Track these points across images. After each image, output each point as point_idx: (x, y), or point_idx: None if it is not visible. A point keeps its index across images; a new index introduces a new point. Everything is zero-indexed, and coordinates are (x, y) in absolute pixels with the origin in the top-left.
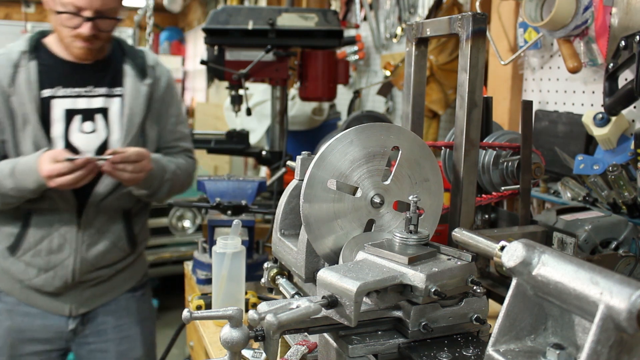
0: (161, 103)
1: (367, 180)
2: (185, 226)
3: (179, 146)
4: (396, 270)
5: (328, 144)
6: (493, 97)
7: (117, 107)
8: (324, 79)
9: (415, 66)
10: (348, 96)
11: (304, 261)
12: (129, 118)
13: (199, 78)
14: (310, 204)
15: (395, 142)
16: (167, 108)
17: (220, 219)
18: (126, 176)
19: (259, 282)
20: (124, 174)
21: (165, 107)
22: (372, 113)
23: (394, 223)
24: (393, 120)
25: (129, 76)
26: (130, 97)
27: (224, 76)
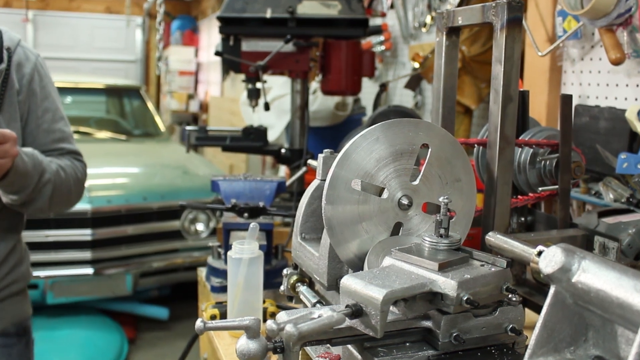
0: (27, 95)
1: (394, 181)
2: (198, 230)
3: (62, 148)
4: (425, 277)
5: (352, 142)
6: (530, 91)
7: None
8: (348, 71)
9: (445, 57)
10: (373, 90)
11: (326, 267)
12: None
13: (214, 70)
14: (333, 206)
15: (424, 140)
16: (38, 101)
17: (236, 222)
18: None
19: (277, 290)
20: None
21: (34, 99)
22: (400, 108)
23: (423, 226)
24: (422, 115)
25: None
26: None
27: (240, 68)
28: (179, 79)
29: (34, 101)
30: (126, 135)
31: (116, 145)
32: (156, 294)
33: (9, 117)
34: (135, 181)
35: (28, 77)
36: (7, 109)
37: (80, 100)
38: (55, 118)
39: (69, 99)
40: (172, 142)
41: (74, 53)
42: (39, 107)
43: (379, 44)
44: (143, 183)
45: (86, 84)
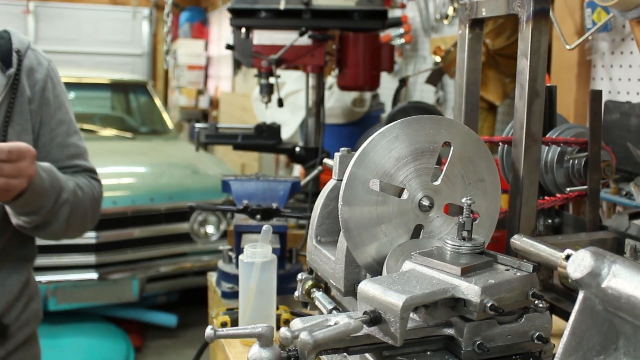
0: (39, 104)
1: (414, 181)
2: (208, 232)
3: (77, 165)
4: (447, 282)
5: (370, 140)
6: (557, 86)
7: None
8: (366, 65)
9: (469, 51)
10: (393, 85)
11: (342, 272)
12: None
13: (224, 65)
14: (350, 207)
15: (446, 138)
16: (52, 111)
17: (248, 224)
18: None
19: (291, 295)
20: None
21: (47, 110)
22: (420, 104)
23: (444, 229)
24: (444, 112)
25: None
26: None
27: (253, 62)
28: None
29: (47, 111)
30: (132, 132)
31: (122, 144)
32: (164, 300)
33: (20, 129)
34: (142, 181)
35: (41, 84)
36: (17, 119)
37: (84, 96)
38: (69, 131)
39: (72, 95)
40: (180, 140)
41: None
42: (52, 118)
43: (398, 36)
44: (150, 183)
45: (90, 79)
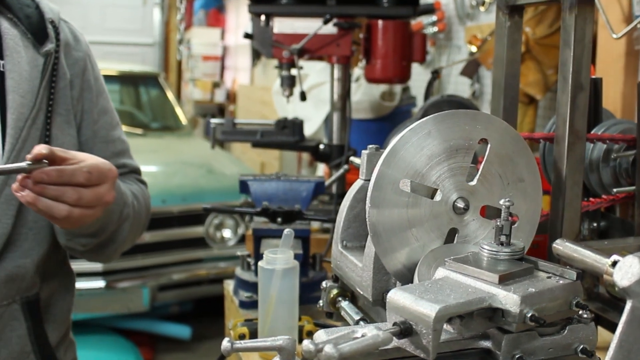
0: (81, 89)
1: (448, 181)
2: (225, 237)
3: (124, 165)
4: (484, 290)
5: (400, 136)
6: (603, 79)
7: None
8: (396, 56)
9: (507, 40)
10: (425, 77)
11: (370, 280)
12: (17, 116)
13: (242, 55)
14: (379, 210)
15: (483, 134)
16: (94, 98)
17: (267, 228)
18: (63, 211)
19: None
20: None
21: (89, 96)
22: (455, 98)
23: (481, 233)
24: (480, 106)
25: (10, 38)
26: (16, 77)
27: (273, 53)
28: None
29: (89, 98)
30: (142, 128)
31: (131, 140)
32: (177, 310)
33: (63, 122)
34: (153, 181)
35: (82, 64)
36: (60, 110)
37: None
38: (113, 123)
39: None
40: (194, 137)
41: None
42: (95, 106)
43: (430, 24)
44: (162, 184)
45: None
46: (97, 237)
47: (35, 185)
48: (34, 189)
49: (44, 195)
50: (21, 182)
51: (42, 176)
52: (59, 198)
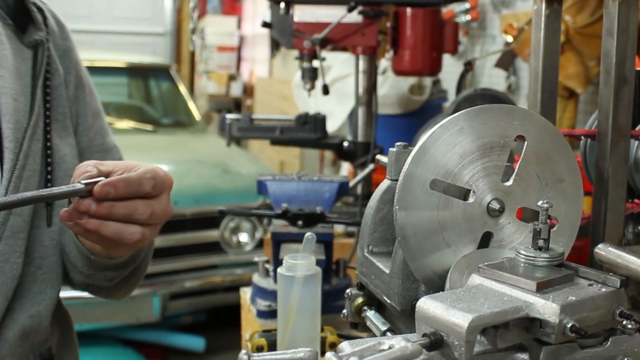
0: (75, 87)
1: (482, 181)
2: (241, 241)
3: None
4: (521, 299)
5: (431, 133)
6: None
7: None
8: (425, 46)
9: (546, 30)
10: (457, 69)
11: (398, 287)
12: (14, 125)
13: (260, 46)
14: (407, 212)
15: (519, 131)
16: (87, 98)
17: (287, 232)
18: (137, 234)
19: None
20: (132, 231)
21: (82, 96)
22: (489, 92)
23: (517, 237)
24: (516, 101)
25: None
26: (5, 74)
27: (293, 43)
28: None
29: (83, 98)
30: (153, 124)
31: (141, 137)
32: (189, 320)
33: (61, 129)
34: None
35: (72, 57)
36: (57, 114)
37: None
38: (106, 127)
39: None
40: (209, 134)
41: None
42: (89, 108)
43: (463, 13)
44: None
45: (104, 62)
46: (127, 268)
47: (101, 206)
48: (98, 211)
49: (111, 217)
50: (78, 208)
51: (109, 190)
52: (129, 217)
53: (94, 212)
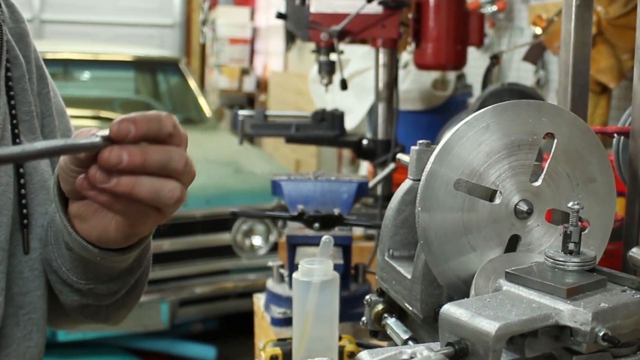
0: (38, 82)
1: (509, 181)
2: (254, 245)
3: None
4: (550, 306)
5: (455, 130)
6: None
7: None
8: (449, 39)
9: (576, 21)
10: (482, 63)
11: (420, 293)
12: None
13: (274, 38)
14: (430, 214)
15: (549, 128)
16: (50, 95)
17: (303, 235)
18: (176, 189)
19: (357, 322)
20: (171, 186)
21: (46, 90)
22: (517, 87)
23: (546, 240)
24: (545, 96)
25: None
26: None
27: (310, 35)
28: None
29: (46, 94)
30: None
31: None
32: (200, 328)
33: (28, 131)
34: None
35: (29, 43)
36: (22, 113)
37: (101, 76)
38: (71, 128)
39: (87, 75)
40: (220, 131)
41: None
42: (53, 105)
43: (489, 3)
44: None
45: (109, 55)
46: (132, 274)
47: (134, 153)
48: (132, 160)
49: (145, 169)
50: (106, 162)
51: (128, 127)
52: (165, 167)
53: (127, 163)
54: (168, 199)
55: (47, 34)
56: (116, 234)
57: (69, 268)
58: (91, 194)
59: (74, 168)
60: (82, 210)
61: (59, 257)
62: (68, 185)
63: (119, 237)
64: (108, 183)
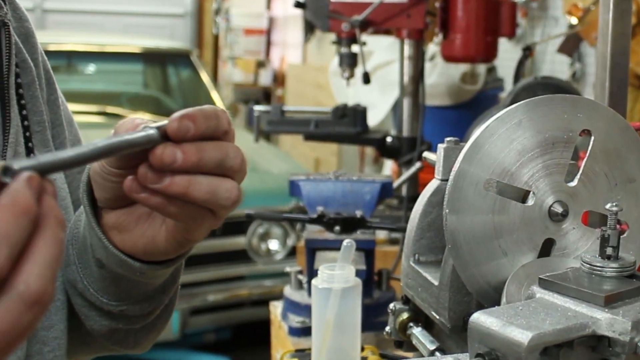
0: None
1: (543, 181)
2: (271, 249)
3: None
4: (586, 314)
5: (485, 127)
6: None
7: None
8: (479, 29)
9: (615, 11)
10: (515, 55)
11: (448, 301)
12: None
13: (292, 29)
14: (459, 216)
15: (585, 125)
16: (59, 102)
17: (323, 239)
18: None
19: (381, 332)
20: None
21: (54, 95)
22: (551, 80)
23: (582, 244)
24: (581, 90)
25: None
26: None
27: (330, 25)
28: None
29: (54, 101)
30: None
31: None
32: (213, 338)
33: (40, 143)
34: None
35: (35, 44)
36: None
37: (107, 69)
38: (79, 137)
39: (92, 68)
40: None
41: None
42: (62, 113)
43: None
44: None
45: (116, 47)
46: (167, 293)
47: (189, 150)
48: (188, 158)
49: (201, 167)
50: (160, 160)
51: (187, 125)
52: (221, 165)
53: (182, 162)
54: (225, 199)
55: (49, 24)
56: (167, 243)
57: (99, 288)
58: (142, 196)
59: (116, 171)
60: (122, 220)
61: (85, 277)
62: (106, 192)
63: (170, 247)
64: (161, 183)
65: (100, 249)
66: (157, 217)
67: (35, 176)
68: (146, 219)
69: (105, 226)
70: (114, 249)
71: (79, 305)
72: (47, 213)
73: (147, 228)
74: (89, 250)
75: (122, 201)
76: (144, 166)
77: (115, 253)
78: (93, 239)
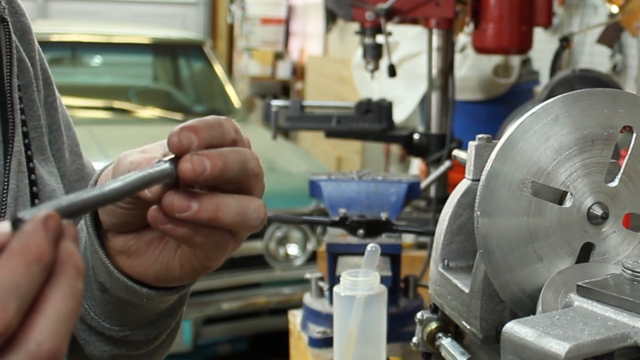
0: (44, 88)
1: (581, 181)
2: (290, 254)
3: None
4: (628, 324)
5: (519, 123)
6: None
7: None
8: (512, 18)
9: None
10: (551, 46)
11: (480, 310)
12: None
13: (312, 18)
14: (491, 219)
15: (627, 121)
16: (57, 104)
17: (346, 243)
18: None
19: (408, 343)
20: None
21: (52, 97)
22: (590, 73)
23: (624, 249)
24: (623, 84)
25: None
26: None
27: (353, 15)
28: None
29: (51, 103)
30: (183, 113)
31: (168, 129)
32: (227, 349)
33: (38, 150)
34: None
35: (32, 40)
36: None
37: (115, 61)
38: (77, 142)
39: (99, 60)
40: (251, 124)
41: None
42: (60, 117)
43: None
44: None
45: (124, 37)
46: (173, 316)
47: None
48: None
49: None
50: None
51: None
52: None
53: (211, 169)
54: (254, 219)
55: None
56: (182, 270)
57: (100, 313)
58: (168, 227)
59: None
60: (132, 244)
61: (85, 300)
62: (114, 217)
63: (185, 274)
64: (189, 210)
65: (104, 272)
66: (171, 241)
67: (54, 215)
68: (158, 243)
69: (112, 250)
70: (119, 274)
71: (78, 330)
72: (64, 260)
73: (160, 254)
74: (90, 272)
75: (131, 226)
76: (169, 194)
77: (120, 279)
78: (96, 262)
